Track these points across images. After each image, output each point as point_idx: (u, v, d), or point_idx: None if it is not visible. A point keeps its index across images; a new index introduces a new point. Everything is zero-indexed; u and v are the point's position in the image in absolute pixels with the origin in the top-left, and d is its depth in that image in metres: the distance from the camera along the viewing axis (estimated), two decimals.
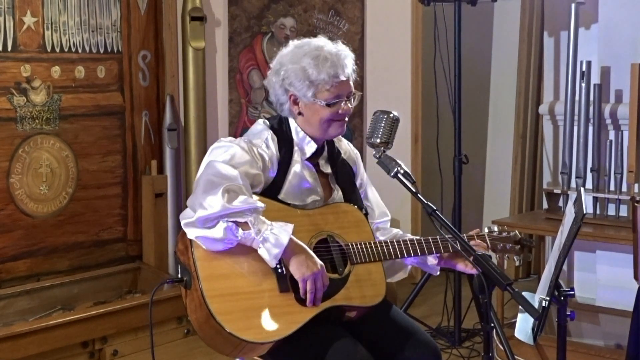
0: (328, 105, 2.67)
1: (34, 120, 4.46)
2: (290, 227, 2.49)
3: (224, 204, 2.40)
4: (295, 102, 2.71)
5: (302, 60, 2.66)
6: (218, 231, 2.44)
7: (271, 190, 2.65)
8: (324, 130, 2.71)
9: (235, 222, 2.43)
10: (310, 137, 2.74)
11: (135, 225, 4.93)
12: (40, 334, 4.04)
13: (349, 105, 2.71)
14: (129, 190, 4.91)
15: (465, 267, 2.73)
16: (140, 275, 4.87)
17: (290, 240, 2.47)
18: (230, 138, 2.68)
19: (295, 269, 2.49)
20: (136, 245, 4.95)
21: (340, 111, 2.69)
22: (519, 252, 2.85)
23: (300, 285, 2.50)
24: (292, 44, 2.75)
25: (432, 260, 2.80)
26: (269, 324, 2.47)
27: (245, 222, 2.44)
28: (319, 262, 2.52)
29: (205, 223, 2.43)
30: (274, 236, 2.45)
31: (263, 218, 2.47)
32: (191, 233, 2.48)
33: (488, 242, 2.80)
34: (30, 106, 4.44)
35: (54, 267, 4.61)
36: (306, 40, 2.75)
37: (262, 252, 2.47)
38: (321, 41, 2.72)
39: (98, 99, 4.72)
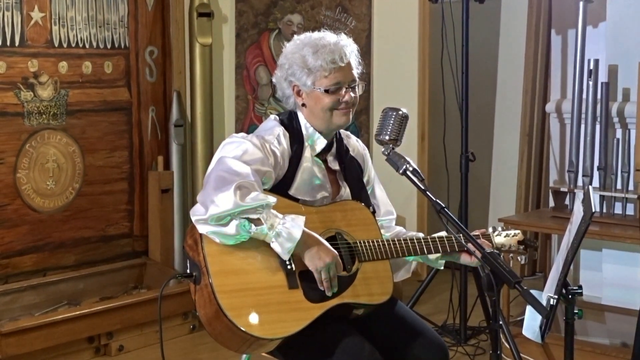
0: (327, 91, 2.67)
1: (41, 116, 4.47)
2: (301, 219, 2.50)
3: (236, 201, 2.40)
4: (299, 93, 2.72)
5: (302, 50, 2.68)
6: (231, 228, 2.44)
7: (282, 186, 2.65)
8: (327, 120, 2.71)
9: (247, 218, 2.44)
10: (318, 132, 2.74)
11: (141, 221, 4.94)
12: (46, 329, 4.06)
13: (352, 94, 2.71)
14: (135, 186, 4.91)
15: (470, 259, 2.73)
16: (146, 271, 4.88)
17: (303, 232, 2.48)
18: (242, 134, 2.67)
19: (309, 261, 2.51)
20: (142, 241, 4.95)
21: (341, 99, 2.69)
22: (523, 252, 2.85)
23: (315, 276, 2.52)
24: (295, 37, 2.77)
25: (435, 254, 2.80)
26: (278, 321, 2.47)
27: (258, 218, 2.45)
28: (332, 251, 2.54)
29: (218, 220, 2.44)
30: (286, 230, 2.47)
31: (275, 212, 2.48)
32: (203, 229, 2.48)
33: (494, 242, 2.81)
34: (37, 101, 4.44)
35: (60, 262, 4.62)
36: (309, 33, 2.77)
37: (275, 246, 2.48)
38: (323, 33, 2.74)
39: (105, 94, 4.73)
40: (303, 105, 2.73)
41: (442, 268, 2.94)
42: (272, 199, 2.49)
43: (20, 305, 4.36)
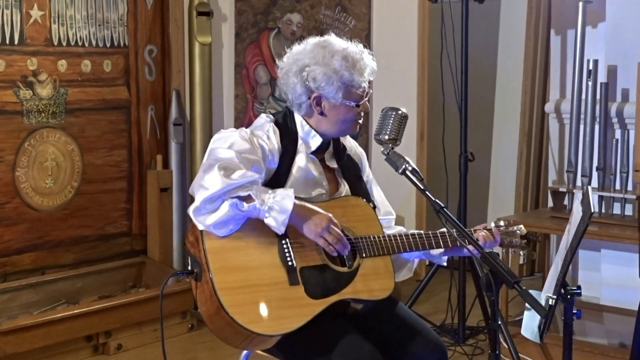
0: (357, 105, 2.69)
1: (40, 114, 4.47)
2: (291, 191, 2.53)
3: (223, 180, 2.43)
4: (319, 102, 2.70)
5: (332, 62, 2.65)
6: (224, 209, 2.46)
7: (276, 183, 2.66)
8: (344, 129, 2.74)
9: (238, 197, 2.45)
10: (316, 131, 2.74)
11: (140, 220, 4.94)
12: (45, 328, 4.06)
13: (367, 103, 2.74)
14: (134, 185, 4.91)
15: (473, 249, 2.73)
16: (144, 270, 4.88)
17: (294, 204, 2.50)
18: (232, 128, 2.71)
19: (307, 231, 2.54)
20: (141, 240, 4.95)
21: (362, 111, 2.72)
22: (525, 246, 2.85)
23: (320, 243, 2.54)
24: (312, 42, 2.72)
25: (437, 250, 2.80)
26: (279, 317, 2.48)
27: (248, 195, 2.47)
28: (326, 214, 2.56)
29: (211, 203, 2.45)
30: (277, 203, 2.49)
31: (264, 187, 2.51)
32: (200, 223, 2.50)
33: (495, 236, 2.80)
34: (36, 99, 4.44)
35: (59, 260, 4.61)
36: (324, 39, 2.72)
37: (269, 221, 2.50)
38: (342, 41, 2.72)
39: (104, 93, 4.73)
40: (321, 114, 2.71)
41: (445, 264, 2.93)
42: (258, 175, 2.52)
43: (18, 303, 4.36)
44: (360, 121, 2.75)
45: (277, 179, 2.67)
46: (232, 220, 2.49)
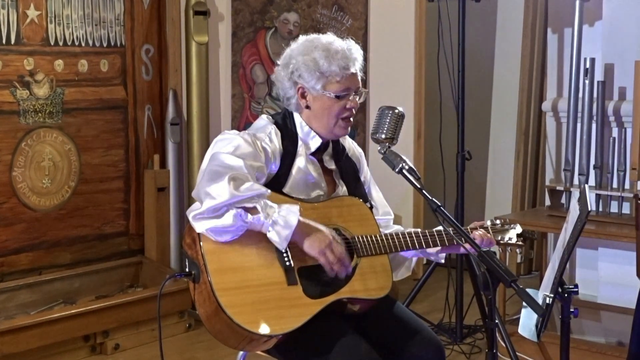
0: (337, 97, 2.67)
1: (37, 114, 4.46)
2: (296, 207, 2.52)
3: (231, 191, 2.42)
4: (303, 95, 2.71)
5: (313, 52, 2.67)
6: (227, 219, 2.45)
7: (276, 184, 2.66)
8: (330, 127, 2.72)
9: (243, 207, 2.45)
10: (315, 132, 2.74)
11: (137, 220, 4.93)
12: (42, 328, 4.06)
13: (357, 99, 2.72)
14: (131, 185, 4.90)
15: (470, 247, 2.73)
16: (142, 270, 4.87)
17: (298, 220, 2.49)
18: (234, 131, 2.70)
19: (309, 248, 2.53)
20: (138, 239, 4.95)
21: (348, 105, 2.69)
22: (521, 244, 2.85)
23: (321, 261, 2.53)
24: (302, 38, 2.76)
25: (434, 247, 2.79)
26: (278, 317, 2.48)
27: (254, 207, 2.46)
28: (329, 232, 2.55)
29: (215, 212, 2.44)
30: (282, 218, 2.48)
31: (270, 202, 2.50)
32: (200, 227, 2.49)
33: (491, 234, 2.80)
34: (33, 99, 4.44)
35: (56, 260, 4.61)
36: (316, 35, 2.76)
37: (272, 235, 2.49)
38: (331, 37, 2.75)
39: (101, 92, 4.72)
40: (307, 107, 2.72)
41: (443, 261, 2.93)
42: (266, 189, 2.50)
43: (15, 303, 4.36)
44: (349, 119, 2.73)
45: (277, 180, 2.67)
46: (233, 229, 2.48)
